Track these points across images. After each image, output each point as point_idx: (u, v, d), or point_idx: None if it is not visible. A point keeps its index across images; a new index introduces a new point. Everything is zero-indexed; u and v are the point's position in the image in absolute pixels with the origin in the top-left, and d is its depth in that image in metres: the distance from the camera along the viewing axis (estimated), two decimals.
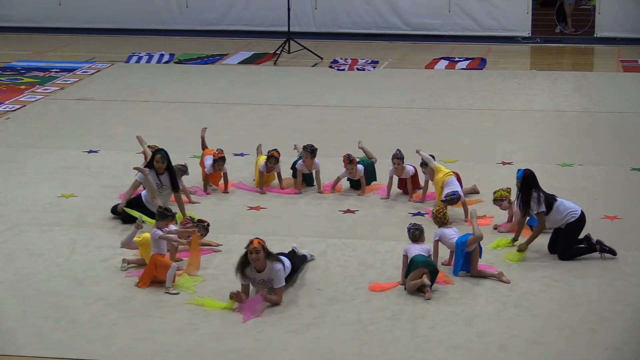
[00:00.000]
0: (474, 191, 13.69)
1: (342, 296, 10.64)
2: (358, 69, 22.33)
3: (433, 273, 10.62)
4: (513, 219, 12.31)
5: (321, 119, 18.08)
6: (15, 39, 26.22)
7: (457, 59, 23.23)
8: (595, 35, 25.97)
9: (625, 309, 10.32)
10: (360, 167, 13.89)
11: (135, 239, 11.39)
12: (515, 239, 11.64)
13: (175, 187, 12.70)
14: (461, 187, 13.08)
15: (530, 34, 25.99)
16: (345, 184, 14.12)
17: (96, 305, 10.47)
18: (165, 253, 10.96)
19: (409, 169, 13.66)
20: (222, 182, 14.08)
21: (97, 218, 12.93)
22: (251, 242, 10.36)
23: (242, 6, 26.92)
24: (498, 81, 20.97)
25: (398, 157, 13.55)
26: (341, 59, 23.24)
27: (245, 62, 23.32)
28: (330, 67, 22.57)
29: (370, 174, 14.12)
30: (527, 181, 11.51)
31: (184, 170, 13.47)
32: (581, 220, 11.59)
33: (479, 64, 22.78)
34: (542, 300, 10.52)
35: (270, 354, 9.50)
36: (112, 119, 18.05)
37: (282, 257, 10.73)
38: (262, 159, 14.10)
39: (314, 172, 14.04)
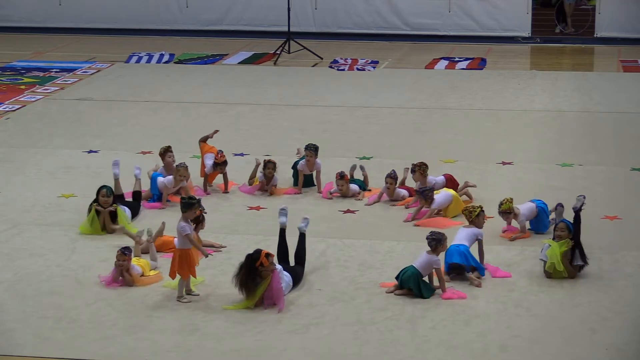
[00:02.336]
0: (467, 187, 13.60)
1: (342, 296, 10.64)
2: (358, 69, 22.32)
3: (408, 287, 10.61)
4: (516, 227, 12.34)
5: (321, 119, 18.08)
6: (15, 39, 26.20)
7: (457, 59, 23.22)
8: (595, 35, 25.95)
9: (625, 309, 10.32)
10: (354, 186, 13.82)
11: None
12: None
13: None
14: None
15: (530, 34, 25.96)
16: None
17: (96, 305, 10.48)
18: (190, 248, 10.72)
19: (401, 192, 13.56)
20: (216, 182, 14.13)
21: None
22: (262, 255, 10.32)
23: (242, 6, 26.90)
24: (498, 81, 20.96)
25: (391, 177, 13.49)
26: (341, 59, 23.24)
27: (245, 62, 23.32)
28: (330, 67, 22.56)
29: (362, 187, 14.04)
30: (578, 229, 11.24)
31: (186, 166, 13.49)
32: None
33: (479, 64, 22.78)
34: (542, 300, 10.52)
35: (270, 354, 9.50)
36: (112, 119, 18.05)
37: (285, 272, 10.71)
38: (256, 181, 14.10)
39: (314, 173, 14.02)
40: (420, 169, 13.38)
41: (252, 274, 10.33)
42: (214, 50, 24.52)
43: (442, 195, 12.91)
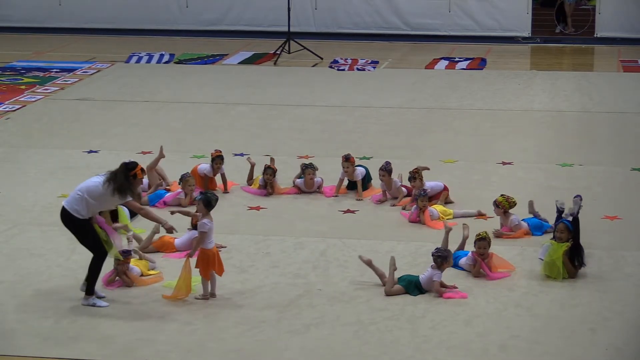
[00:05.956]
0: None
1: (342, 296, 10.64)
2: (358, 69, 22.32)
3: (408, 288, 10.68)
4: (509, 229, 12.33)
5: (321, 119, 18.08)
6: (15, 39, 26.21)
7: (457, 59, 23.22)
8: (595, 35, 25.95)
9: (625, 309, 10.32)
10: (360, 169, 13.83)
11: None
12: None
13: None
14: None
15: (530, 34, 25.97)
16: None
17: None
18: (211, 248, 10.59)
19: (397, 182, 13.56)
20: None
21: None
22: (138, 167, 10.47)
23: (242, 6, 26.90)
24: (498, 81, 20.96)
25: (382, 169, 13.43)
26: (341, 59, 23.23)
27: (245, 62, 23.32)
28: (330, 67, 22.56)
29: (367, 178, 14.01)
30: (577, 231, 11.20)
31: (191, 176, 13.46)
32: None
33: (479, 64, 22.78)
34: (542, 300, 10.52)
35: (270, 354, 9.50)
36: (112, 119, 18.05)
37: None
38: (257, 180, 14.04)
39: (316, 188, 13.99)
40: (419, 175, 13.38)
41: (127, 180, 10.34)
42: (214, 50, 24.52)
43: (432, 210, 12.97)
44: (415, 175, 13.35)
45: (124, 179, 10.32)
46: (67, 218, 10.44)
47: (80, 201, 10.37)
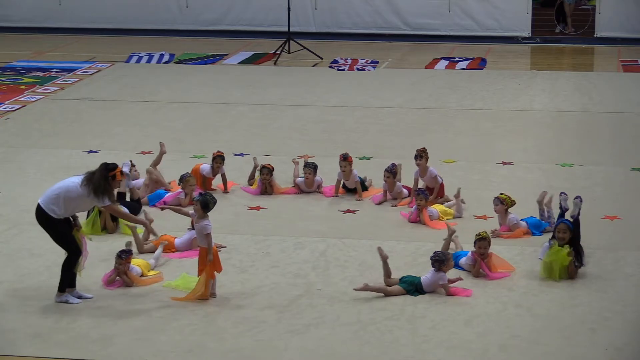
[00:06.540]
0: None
1: (342, 296, 10.63)
2: (358, 69, 22.32)
3: (409, 290, 10.67)
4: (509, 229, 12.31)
5: (321, 119, 18.08)
6: (15, 39, 26.21)
7: (457, 59, 23.22)
8: (595, 35, 25.96)
9: (625, 309, 10.32)
10: (356, 173, 13.81)
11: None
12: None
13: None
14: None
15: (530, 34, 25.98)
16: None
17: (96, 305, 10.47)
18: (213, 246, 10.62)
19: (401, 186, 13.58)
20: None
21: None
22: (118, 169, 10.38)
23: (242, 6, 26.91)
24: (498, 81, 20.96)
25: (387, 171, 13.46)
26: (341, 59, 23.24)
27: (245, 62, 23.32)
28: (330, 67, 22.56)
29: (362, 186, 13.99)
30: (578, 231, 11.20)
31: (192, 176, 13.44)
32: None
33: (479, 64, 22.78)
34: (542, 300, 10.52)
35: (270, 354, 9.50)
36: (112, 119, 18.05)
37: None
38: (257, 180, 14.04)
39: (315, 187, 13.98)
40: (426, 154, 13.37)
41: (105, 181, 10.28)
42: (214, 50, 24.52)
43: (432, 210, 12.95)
44: (422, 153, 13.35)
45: (102, 178, 10.25)
46: (43, 217, 10.38)
47: (57, 200, 10.29)
